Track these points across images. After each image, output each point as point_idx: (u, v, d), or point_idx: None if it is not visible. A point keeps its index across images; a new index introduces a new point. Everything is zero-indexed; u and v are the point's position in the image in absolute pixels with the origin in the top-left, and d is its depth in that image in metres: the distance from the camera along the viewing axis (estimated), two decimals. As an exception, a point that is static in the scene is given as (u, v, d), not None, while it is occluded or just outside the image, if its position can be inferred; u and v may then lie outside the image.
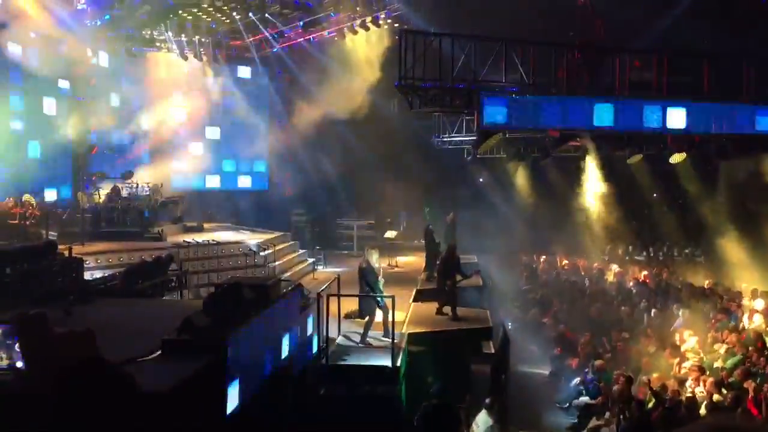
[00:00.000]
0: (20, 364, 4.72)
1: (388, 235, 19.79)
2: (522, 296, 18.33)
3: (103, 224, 17.39)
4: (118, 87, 21.90)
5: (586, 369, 12.46)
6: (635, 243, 22.06)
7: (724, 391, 10.17)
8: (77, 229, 16.20)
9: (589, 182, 20.36)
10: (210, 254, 16.07)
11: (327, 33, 21.43)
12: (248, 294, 7.24)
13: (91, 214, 17.46)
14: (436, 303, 12.04)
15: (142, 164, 21.89)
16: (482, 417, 9.17)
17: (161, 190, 19.93)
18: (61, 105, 19.53)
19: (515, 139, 20.34)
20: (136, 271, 11.19)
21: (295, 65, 23.61)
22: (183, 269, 12.85)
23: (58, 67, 18.54)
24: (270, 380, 7.19)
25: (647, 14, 16.47)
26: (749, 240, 17.82)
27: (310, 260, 18.86)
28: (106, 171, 20.72)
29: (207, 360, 5.85)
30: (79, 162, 20.19)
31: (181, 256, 14.47)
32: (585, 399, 11.63)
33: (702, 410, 9.75)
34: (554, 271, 20.74)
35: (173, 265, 12.35)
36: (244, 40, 22.99)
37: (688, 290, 16.52)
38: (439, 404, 4.09)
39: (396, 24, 19.59)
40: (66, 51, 18.56)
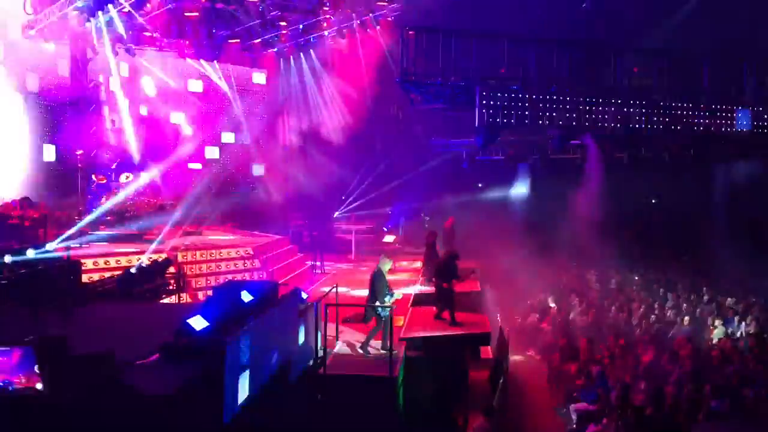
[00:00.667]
0: (40, 386, 4.69)
1: (387, 240, 19.80)
2: (520, 301, 18.30)
3: (101, 227, 17.36)
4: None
5: (585, 374, 12.43)
6: (634, 248, 22.03)
7: (722, 397, 10.16)
8: (76, 232, 16.16)
9: (588, 184, 20.26)
10: (208, 258, 16.04)
11: (327, 33, 21.45)
12: (246, 298, 7.24)
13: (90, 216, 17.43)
14: (435, 308, 12.04)
15: (142, 166, 21.85)
16: (480, 422, 9.15)
17: (160, 192, 19.90)
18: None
19: (514, 142, 20.40)
20: (135, 275, 11.19)
21: (295, 67, 23.66)
22: (181, 272, 12.83)
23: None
24: (268, 384, 7.17)
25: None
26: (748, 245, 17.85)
27: (308, 264, 18.83)
28: (106, 174, 20.68)
29: (205, 364, 5.85)
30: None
31: (180, 260, 14.45)
32: (583, 405, 11.60)
33: (700, 417, 9.75)
34: (553, 276, 20.66)
35: (171, 269, 12.34)
36: (245, 43, 23.04)
37: (686, 296, 16.53)
38: (437, 411, 4.09)
39: (394, 23, 19.54)
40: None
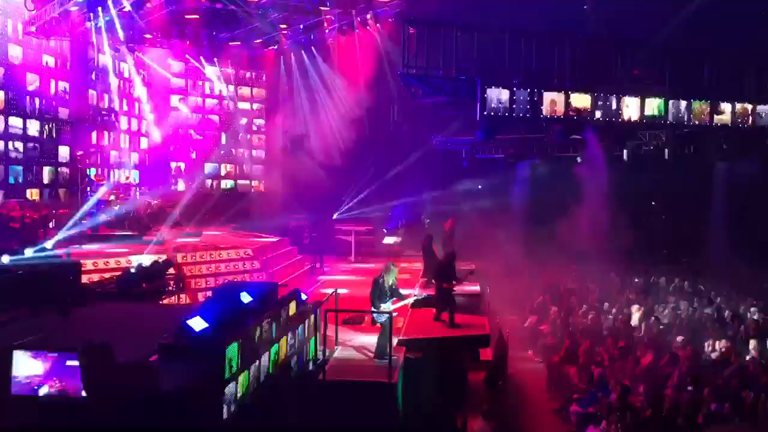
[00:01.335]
0: (84, 393, 4.70)
1: (387, 241, 19.79)
2: (520, 303, 18.29)
3: (102, 227, 17.36)
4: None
5: (584, 377, 12.43)
6: (634, 250, 21.97)
7: (721, 401, 10.16)
8: (76, 232, 16.16)
9: (588, 184, 20.07)
10: (208, 258, 16.03)
11: (327, 30, 21.41)
12: (245, 299, 7.24)
13: (90, 217, 17.42)
14: (434, 309, 12.03)
15: (141, 167, 21.91)
16: (479, 424, 9.14)
17: (159, 193, 19.90)
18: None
19: (514, 140, 20.33)
20: (134, 275, 11.17)
21: (296, 66, 23.66)
22: (181, 273, 12.82)
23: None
24: (267, 386, 7.16)
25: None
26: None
27: (308, 266, 18.82)
28: (105, 174, 20.74)
29: (204, 364, 5.85)
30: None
31: (179, 260, 14.44)
32: (582, 407, 11.59)
33: (699, 420, 9.74)
34: (553, 278, 20.64)
35: (171, 270, 12.33)
36: (245, 45, 23.06)
37: (686, 298, 16.52)
38: (436, 413, 4.08)
39: (395, 18, 19.45)
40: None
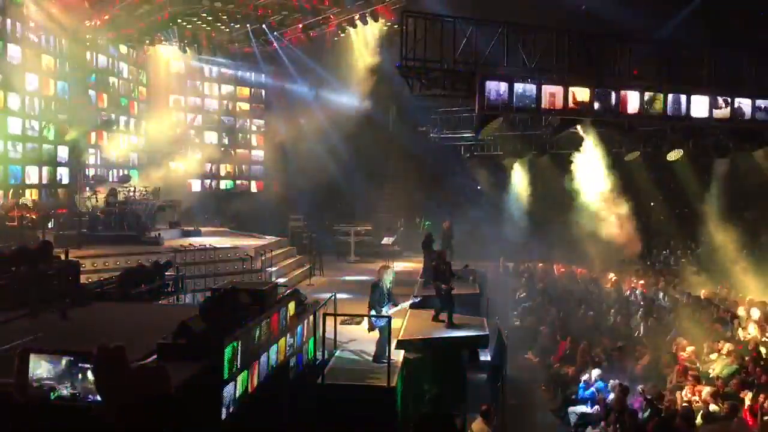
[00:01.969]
0: (98, 397, 4.63)
1: (385, 242, 19.81)
2: (519, 304, 18.31)
3: (101, 228, 17.34)
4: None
5: (583, 377, 12.43)
6: (633, 249, 21.90)
7: (720, 401, 10.17)
8: (74, 233, 16.15)
9: (587, 181, 19.84)
10: (207, 259, 16.03)
11: (328, 30, 21.40)
12: (245, 299, 7.23)
13: (89, 218, 17.41)
14: (433, 310, 12.02)
15: (141, 167, 21.91)
16: (478, 425, 9.14)
17: (159, 194, 19.89)
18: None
19: (513, 136, 20.30)
20: (133, 275, 11.15)
21: (295, 66, 23.68)
22: (180, 273, 12.82)
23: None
24: (266, 386, 7.17)
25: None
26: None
27: (307, 266, 18.82)
28: (104, 174, 20.74)
29: (203, 364, 5.84)
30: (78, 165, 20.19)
31: (178, 261, 14.45)
32: (581, 407, 11.59)
33: (698, 420, 9.75)
34: (551, 279, 20.66)
35: (170, 270, 12.32)
36: (243, 45, 23.08)
37: (685, 299, 16.51)
38: (435, 413, 4.09)
39: (394, 12, 19.45)
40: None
